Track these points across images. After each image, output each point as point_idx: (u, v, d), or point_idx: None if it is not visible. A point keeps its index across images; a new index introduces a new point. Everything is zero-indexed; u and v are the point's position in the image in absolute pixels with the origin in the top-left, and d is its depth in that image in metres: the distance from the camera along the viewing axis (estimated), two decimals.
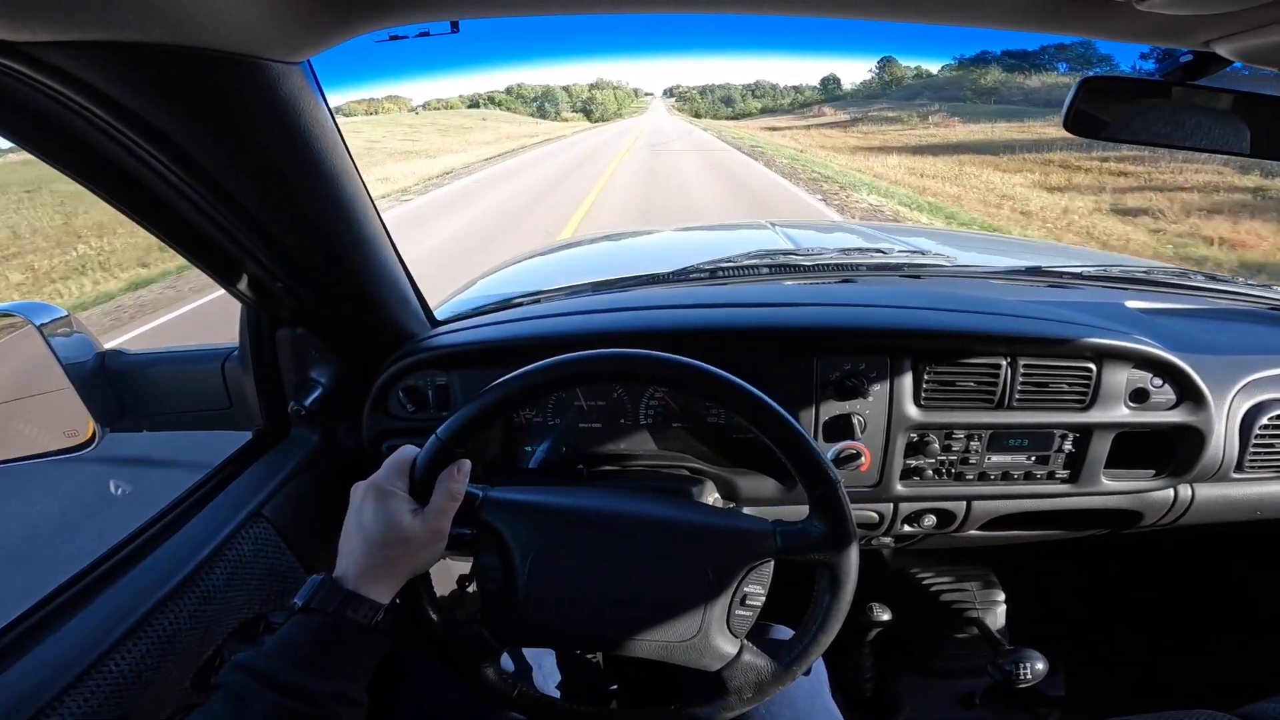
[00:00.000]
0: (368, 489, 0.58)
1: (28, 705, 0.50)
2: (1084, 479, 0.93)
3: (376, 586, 0.55)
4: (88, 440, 0.81)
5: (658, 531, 0.63)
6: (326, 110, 0.58)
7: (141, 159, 0.53)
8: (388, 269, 0.81)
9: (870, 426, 0.89)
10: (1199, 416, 0.90)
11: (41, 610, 0.61)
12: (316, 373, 0.84)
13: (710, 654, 0.61)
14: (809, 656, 0.62)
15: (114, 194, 0.56)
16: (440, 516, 0.58)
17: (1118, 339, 0.86)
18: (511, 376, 0.60)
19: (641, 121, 68.74)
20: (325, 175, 0.63)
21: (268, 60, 0.50)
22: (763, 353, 0.88)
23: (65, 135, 0.50)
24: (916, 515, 0.98)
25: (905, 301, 0.94)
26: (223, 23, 0.44)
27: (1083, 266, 1.22)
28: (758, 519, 0.65)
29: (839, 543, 0.60)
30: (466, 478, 0.60)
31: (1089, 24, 0.55)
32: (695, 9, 0.55)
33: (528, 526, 0.62)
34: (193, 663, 0.64)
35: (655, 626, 0.61)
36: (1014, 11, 0.53)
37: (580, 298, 1.09)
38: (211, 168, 0.55)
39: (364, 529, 0.56)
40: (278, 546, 0.79)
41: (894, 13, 0.57)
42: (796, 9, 0.53)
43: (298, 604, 0.53)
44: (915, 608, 1.23)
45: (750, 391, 0.59)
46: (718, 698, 0.63)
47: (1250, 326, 1.11)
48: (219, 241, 0.65)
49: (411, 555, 0.57)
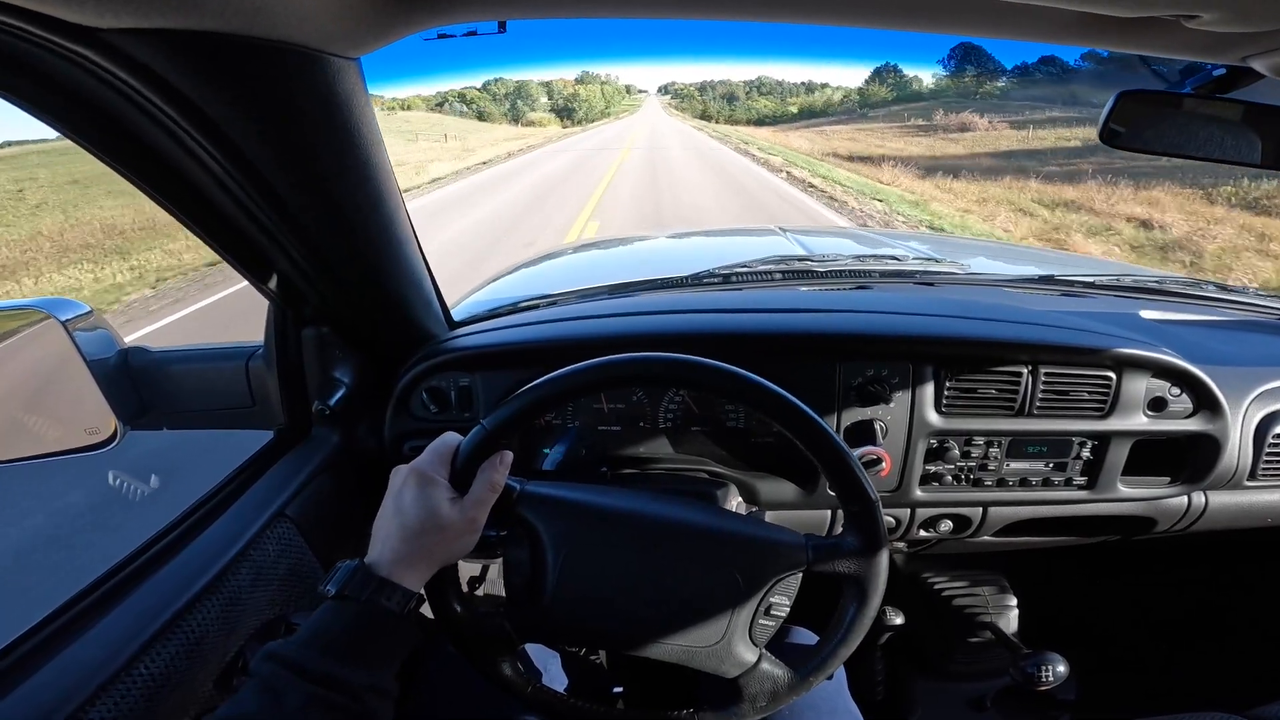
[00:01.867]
0: (409, 473, 0.57)
1: (63, 707, 0.49)
2: (1101, 486, 0.93)
3: (410, 574, 0.54)
4: (109, 438, 0.80)
5: (691, 537, 0.63)
6: (372, 109, 0.59)
7: (190, 151, 0.53)
8: (414, 269, 0.81)
9: (891, 432, 0.89)
10: (1215, 425, 0.91)
11: (71, 610, 0.61)
12: (340, 372, 0.84)
13: (730, 661, 0.61)
14: (828, 667, 0.62)
15: (157, 187, 0.57)
16: (478, 506, 0.57)
17: (1139, 349, 0.87)
18: (562, 373, 0.59)
19: (632, 125, 53.02)
20: (364, 172, 0.63)
21: (329, 54, 0.51)
22: (786, 358, 0.89)
23: (118, 127, 0.51)
24: (933, 520, 0.98)
25: (926, 309, 0.94)
26: (296, 15, 0.45)
27: (1094, 276, 1.23)
28: (790, 531, 0.65)
29: (870, 559, 0.60)
30: (508, 469, 0.59)
31: (1134, 39, 0.56)
32: (740, 15, 0.56)
33: (563, 522, 0.62)
34: (217, 664, 0.64)
35: (679, 630, 0.61)
36: (1064, 26, 0.54)
37: (596, 301, 1.09)
38: (258, 160, 0.56)
39: (402, 513, 0.55)
40: (300, 547, 0.79)
41: (947, 26, 0.58)
42: (849, 19, 0.54)
43: (330, 590, 0.52)
44: (928, 611, 1.23)
45: (799, 407, 0.59)
46: (732, 703, 0.63)
47: (1263, 337, 1.13)
48: (254, 236, 0.65)
49: (446, 544, 0.56)
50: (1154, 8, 0.47)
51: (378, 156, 0.63)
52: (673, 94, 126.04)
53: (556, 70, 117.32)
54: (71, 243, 8.92)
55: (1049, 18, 0.54)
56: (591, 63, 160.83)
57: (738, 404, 0.90)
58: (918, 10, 0.56)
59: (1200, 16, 0.47)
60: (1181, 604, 1.38)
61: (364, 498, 0.91)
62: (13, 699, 0.49)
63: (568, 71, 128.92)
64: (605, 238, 2.15)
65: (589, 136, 40.04)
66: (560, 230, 8.64)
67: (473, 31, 0.57)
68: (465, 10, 0.51)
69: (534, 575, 0.61)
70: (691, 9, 0.58)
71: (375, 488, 0.92)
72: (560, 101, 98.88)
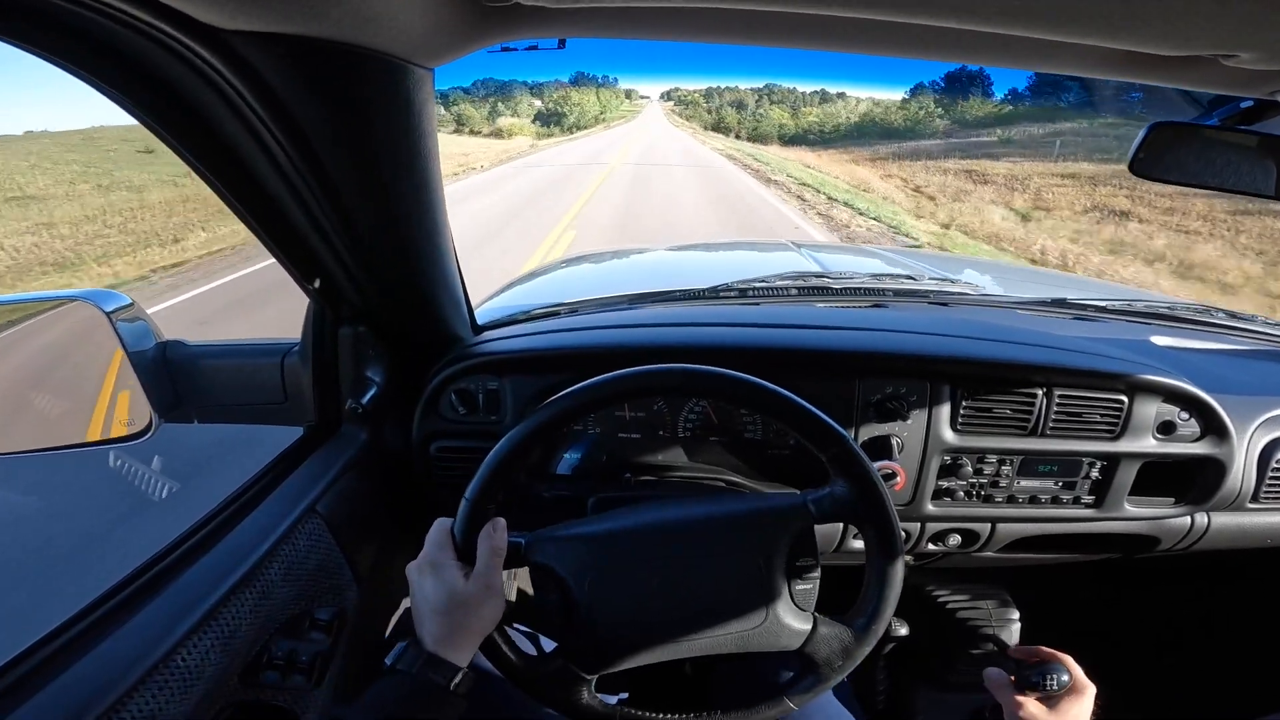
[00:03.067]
0: (421, 566, 0.63)
1: (101, 700, 0.50)
2: (1108, 505, 0.96)
3: (453, 650, 0.59)
4: (144, 429, 0.82)
5: (696, 531, 0.65)
6: (436, 121, 0.62)
7: (266, 147, 0.56)
8: (449, 274, 0.83)
9: (907, 448, 0.91)
10: (1222, 449, 0.93)
11: (109, 602, 0.61)
12: (372, 371, 0.86)
13: (786, 634, 0.63)
14: (883, 615, 0.64)
15: (224, 180, 0.59)
16: (490, 573, 0.62)
17: (1152, 374, 0.90)
18: (519, 428, 0.63)
19: (627, 135, 43.33)
20: (421, 178, 0.66)
21: (413, 64, 0.54)
22: (807, 373, 0.91)
23: (203, 120, 0.53)
24: (942, 534, 1.00)
25: (943, 329, 0.97)
26: (398, 26, 0.48)
27: (1106, 300, 1.26)
28: (787, 493, 0.67)
29: (866, 493, 0.62)
30: (504, 532, 0.64)
31: (1172, 74, 0.59)
32: (783, 43, 0.59)
33: (575, 556, 0.64)
34: (244, 658, 0.65)
35: (724, 621, 0.63)
36: (1104, 60, 0.57)
37: (617, 311, 1.11)
38: (330, 160, 0.58)
39: (429, 601, 0.60)
40: (328, 543, 0.80)
41: (994, 59, 0.61)
42: (897, 50, 0.56)
43: (387, 664, 0.59)
44: (932, 623, 1.25)
45: (749, 380, 0.63)
46: (810, 673, 0.65)
47: (1270, 365, 1.16)
48: (307, 234, 0.68)
49: (476, 615, 0.61)
50: (1195, 48, 0.50)
51: (433, 164, 0.66)
52: (676, 100, 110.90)
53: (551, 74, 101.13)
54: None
55: (1092, 53, 0.56)
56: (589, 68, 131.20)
57: (692, 397, 0.92)
58: (968, 44, 0.59)
59: (1239, 56, 0.49)
60: (1182, 620, 1.40)
61: (389, 497, 0.93)
62: (50, 691, 0.50)
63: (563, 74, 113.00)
64: (621, 247, 2.17)
65: (564, 152, 28.95)
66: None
67: (534, 46, 0.60)
68: (537, 28, 0.54)
69: (571, 612, 0.64)
70: (733, 35, 0.61)
71: (400, 488, 0.94)
72: (550, 105, 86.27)
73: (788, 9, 0.47)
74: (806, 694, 0.65)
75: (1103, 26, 0.47)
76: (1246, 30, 0.46)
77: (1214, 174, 0.71)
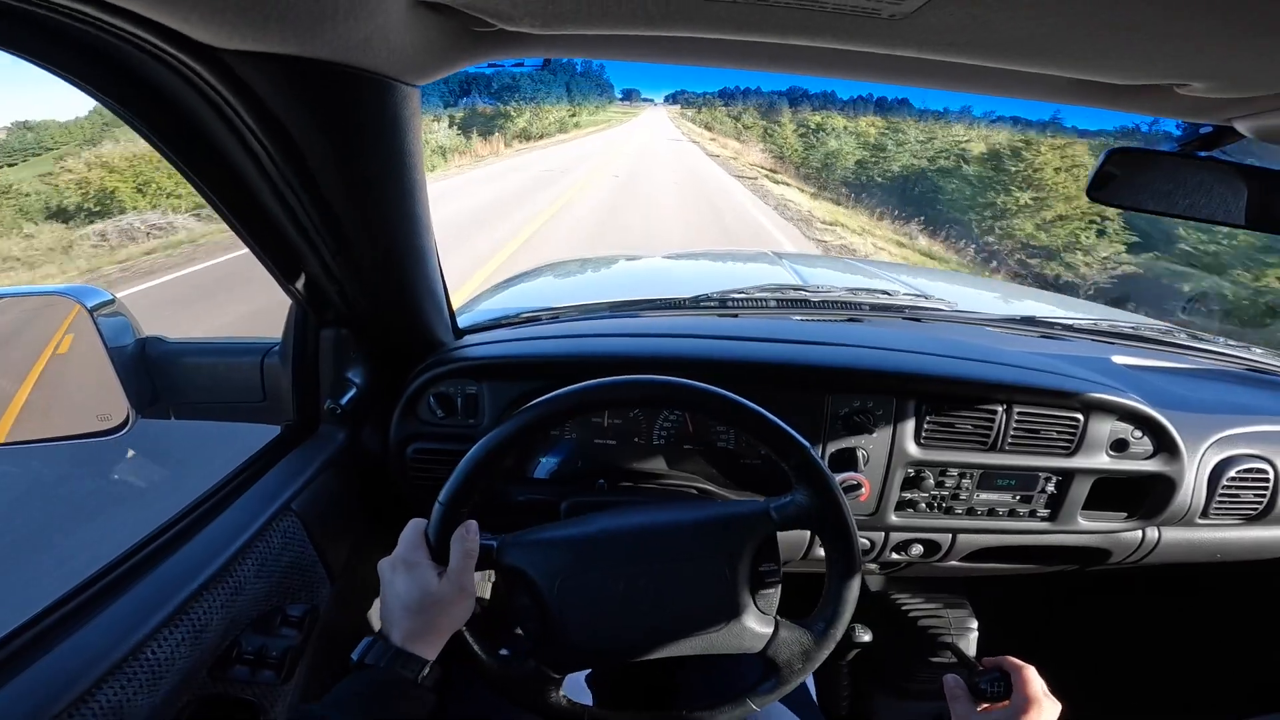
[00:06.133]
0: (395, 564, 0.64)
1: (69, 690, 0.51)
2: (1062, 518, 0.99)
3: (422, 646, 0.61)
4: (121, 424, 0.83)
5: (663, 536, 0.68)
6: (422, 134, 0.64)
7: (258, 159, 0.58)
8: (432, 279, 0.85)
9: (873, 460, 0.94)
10: (1172, 467, 0.97)
11: (81, 595, 0.62)
12: (352, 373, 0.87)
13: (749, 636, 0.65)
14: (841, 619, 0.66)
15: (214, 189, 0.61)
16: (462, 574, 0.63)
17: (1106, 393, 0.93)
18: (492, 434, 0.66)
19: (609, 146, 26.09)
20: (406, 190, 0.68)
21: (400, 82, 0.56)
22: (778, 386, 0.93)
23: (197, 132, 0.55)
24: (905, 544, 1.04)
25: (913, 346, 1.00)
26: (385, 45, 0.50)
27: (1074, 319, 1.30)
28: (751, 500, 0.70)
29: (826, 501, 0.65)
30: (477, 535, 0.66)
31: (1127, 102, 0.61)
32: (748, 67, 0.61)
33: (544, 560, 0.67)
34: (214, 652, 0.66)
35: (689, 624, 0.65)
36: (1060, 89, 0.60)
37: (597, 318, 1.13)
38: (318, 172, 0.60)
39: (400, 598, 0.62)
40: (302, 540, 0.81)
41: (955, 85, 0.63)
42: (856, 74, 0.59)
43: (354, 659, 0.60)
44: (894, 631, 1.29)
45: (717, 391, 0.66)
46: (772, 675, 0.67)
47: (1226, 385, 1.20)
48: (292, 240, 0.69)
49: (446, 614, 0.63)
50: (1148, 76, 0.52)
51: (418, 174, 0.68)
52: (682, 103, 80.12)
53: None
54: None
55: (1047, 82, 0.59)
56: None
57: (666, 407, 0.94)
58: (929, 70, 0.61)
59: (1190, 85, 0.52)
60: (1137, 630, 1.45)
61: (364, 497, 0.94)
62: (17, 684, 0.50)
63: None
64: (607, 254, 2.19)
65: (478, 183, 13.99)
66: None
67: (520, 63, 0.62)
68: (522, 49, 0.57)
69: (541, 613, 0.66)
70: (709, 59, 0.63)
71: (375, 488, 0.95)
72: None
73: (749, 38, 0.49)
74: (768, 695, 0.67)
75: (1057, 56, 0.49)
76: (1198, 59, 0.48)
77: (1176, 200, 0.72)
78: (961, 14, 0.41)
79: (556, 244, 7.78)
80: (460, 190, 12.98)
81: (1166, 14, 0.39)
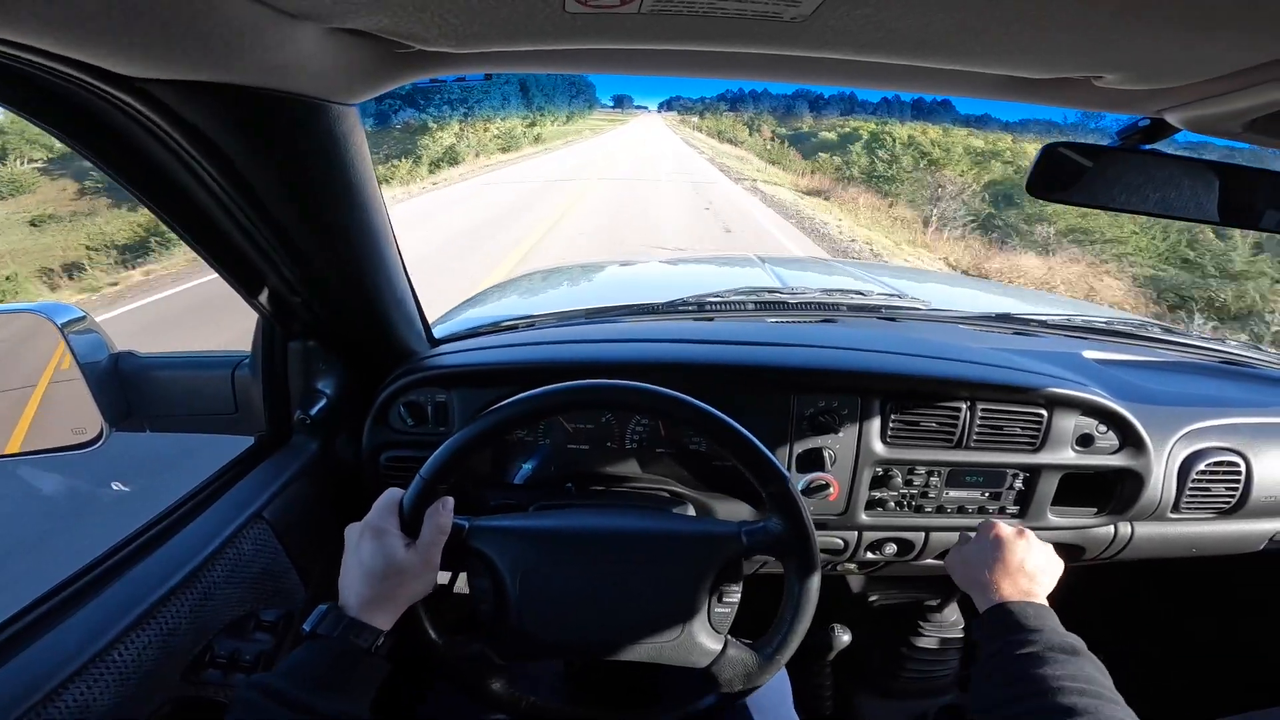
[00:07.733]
0: (364, 528, 0.64)
1: (36, 689, 0.53)
2: (1032, 514, 1.00)
3: (377, 615, 0.60)
4: (94, 438, 0.84)
5: (634, 542, 0.69)
6: (366, 148, 0.65)
7: (203, 182, 0.59)
8: (399, 289, 0.87)
9: (840, 460, 0.95)
10: (1139, 461, 0.97)
11: (52, 599, 0.64)
12: (322, 384, 0.89)
13: (697, 651, 0.66)
14: (789, 645, 0.67)
15: (168, 211, 0.63)
16: (431, 548, 0.64)
17: (1068, 388, 0.94)
18: (482, 417, 0.67)
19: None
20: (358, 203, 0.69)
21: (331, 102, 0.57)
22: (745, 389, 0.94)
23: (142, 158, 0.57)
24: (879, 543, 1.04)
25: (879, 345, 1.01)
26: (304, 70, 0.51)
27: (1049, 315, 1.30)
28: (724, 522, 0.71)
29: (797, 532, 0.66)
30: (451, 512, 0.66)
31: (1052, 96, 0.63)
32: (677, 73, 0.63)
33: (513, 549, 0.67)
34: (186, 656, 0.67)
35: (642, 630, 0.66)
36: (991, 86, 0.62)
37: (573, 325, 1.14)
38: (265, 193, 0.62)
39: (363, 564, 0.62)
40: (275, 548, 0.82)
41: (900, 85, 0.65)
42: (800, 77, 0.60)
43: (306, 630, 0.59)
44: (876, 631, 1.29)
45: (701, 406, 0.66)
46: (710, 690, 0.68)
47: (1197, 378, 1.20)
48: (251, 257, 0.71)
49: (407, 585, 0.63)
50: (1061, 70, 0.53)
51: (369, 188, 0.70)
52: (679, 109, 78.06)
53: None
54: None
55: (966, 78, 0.61)
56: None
57: (647, 416, 0.95)
58: (847, 70, 0.62)
59: (1104, 77, 0.53)
60: (1114, 629, 1.45)
61: (338, 505, 0.95)
62: None
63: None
64: (587, 261, 2.20)
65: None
66: None
67: (462, 78, 0.64)
68: (449, 68, 0.58)
69: (499, 600, 0.67)
70: (635, 68, 0.65)
71: (350, 496, 0.96)
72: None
73: (664, 46, 0.51)
74: (702, 710, 0.69)
75: (961, 53, 0.50)
76: (1108, 52, 0.49)
77: (1116, 196, 0.71)
78: (858, 15, 0.42)
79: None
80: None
81: (1055, 7, 0.40)
